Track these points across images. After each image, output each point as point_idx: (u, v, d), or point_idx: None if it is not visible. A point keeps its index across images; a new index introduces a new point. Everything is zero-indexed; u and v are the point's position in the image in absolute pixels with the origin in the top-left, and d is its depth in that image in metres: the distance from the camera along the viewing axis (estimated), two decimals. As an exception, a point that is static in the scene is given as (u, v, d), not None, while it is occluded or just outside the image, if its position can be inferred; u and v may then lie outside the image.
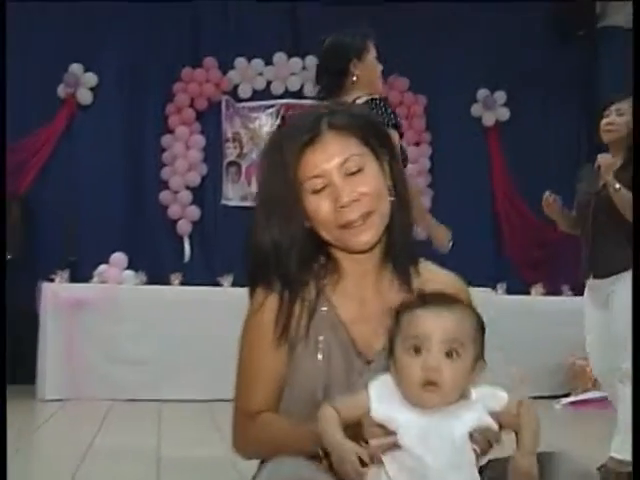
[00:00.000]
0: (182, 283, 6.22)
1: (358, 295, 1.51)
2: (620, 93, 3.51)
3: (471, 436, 1.22)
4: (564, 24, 7.85)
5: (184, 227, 7.14)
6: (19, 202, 6.57)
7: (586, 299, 3.57)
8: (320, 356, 1.43)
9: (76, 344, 5.61)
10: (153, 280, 6.22)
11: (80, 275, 6.10)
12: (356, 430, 1.25)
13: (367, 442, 1.23)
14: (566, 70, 7.88)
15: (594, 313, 3.50)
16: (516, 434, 1.27)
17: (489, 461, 1.33)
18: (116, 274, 6.07)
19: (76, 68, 7.01)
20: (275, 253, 1.45)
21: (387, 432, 1.23)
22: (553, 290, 6.72)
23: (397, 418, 1.23)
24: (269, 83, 7.45)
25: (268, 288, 1.47)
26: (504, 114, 7.74)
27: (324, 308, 1.47)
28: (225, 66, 7.35)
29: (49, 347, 5.63)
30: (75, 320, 5.64)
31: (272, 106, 7.47)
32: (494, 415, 1.25)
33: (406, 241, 1.51)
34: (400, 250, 1.50)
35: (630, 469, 3.15)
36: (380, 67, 3.32)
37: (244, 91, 7.41)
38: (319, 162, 1.43)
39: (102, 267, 6.07)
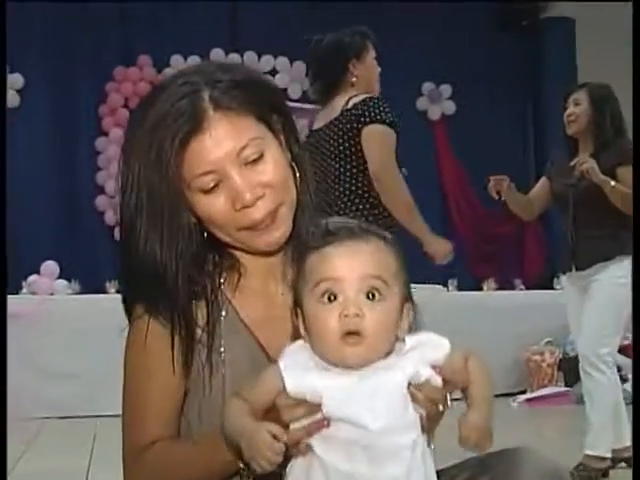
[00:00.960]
0: (118, 291, 5.91)
1: (264, 293, 1.26)
2: (566, 82, 3.45)
3: (412, 393, 0.99)
4: (508, 15, 7.81)
5: (122, 233, 6.85)
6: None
7: (568, 291, 3.55)
8: (223, 370, 1.18)
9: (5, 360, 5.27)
10: (88, 289, 5.90)
11: (9, 286, 5.75)
12: (271, 417, 1.01)
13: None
14: (511, 61, 7.88)
15: (578, 303, 3.42)
16: (463, 392, 1.03)
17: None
18: (47, 284, 5.75)
19: (1, 69, 6.68)
20: (161, 269, 1.17)
21: (309, 408, 0.99)
22: (505, 285, 6.58)
23: (317, 386, 0.99)
24: (207, 80, 7.23)
25: (151, 307, 1.20)
26: (450, 107, 7.63)
27: (223, 313, 1.22)
28: (160, 64, 7.11)
29: (-25, 364, 5.28)
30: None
31: (211, 104, 7.26)
32: (436, 369, 1.01)
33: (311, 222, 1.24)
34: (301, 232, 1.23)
35: (608, 463, 3.25)
36: (379, 68, 3.23)
37: (181, 89, 7.17)
38: (207, 154, 1.13)
39: (32, 277, 5.75)
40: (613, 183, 3.18)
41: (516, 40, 7.91)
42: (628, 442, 3.19)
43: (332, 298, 1.01)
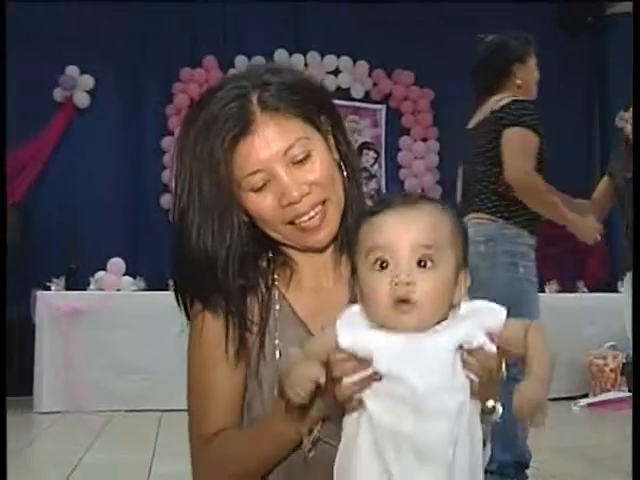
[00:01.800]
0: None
1: (315, 287, 1.31)
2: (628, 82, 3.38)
3: (463, 361, 0.99)
4: (572, 13, 7.69)
5: (187, 230, 6.96)
6: (16, 209, 6.45)
7: (626, 293, 3.44)
8: (278, 360, 1.24)
9: (74, 354, 5.43)
10: (152, 286, 6.03)
11: (77, 282, 5.93)
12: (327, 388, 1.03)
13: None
14: (577, 58, 7.75)
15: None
16: (523, 361, 1.02)
17: None
18: (114, 281, 5.90)
19: (72, 70, 6.88)
20: (212, 263, 1.23)
21: (360, 364, 1.01)
22: (567, 287, 6.49)
23: (369, 343, 1.00)
24: (271, 81, 7.30)
25: (208, 303, 1.26)
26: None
27: (277, 307, 1.28)
28: (226, 65, 7.17)
29: (46, 358, 5.47)
30: (72, 329, 5.47)
31: (274, 104, 7.33)
32: (493, 336, 1.01)
33: None
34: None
35: None
36: (538, 74, 3.29)
37: (246, 90, 7.26)
38: (256, 155, 1.18)
39: (99, 274, 5.90)
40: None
41: (582, 38, 7.80)
42: None
43: (384, 265, 1.01)
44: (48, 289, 5.72)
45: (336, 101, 4.83)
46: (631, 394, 5.24)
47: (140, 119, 7.11)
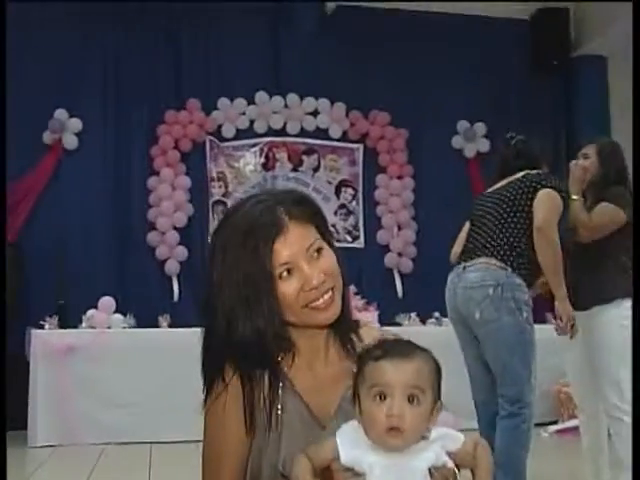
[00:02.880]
0: (171, 325, 6.31)
1: (311, 368, 1.61)
2: (598, 119, 3.72)
3: (430, 474, 1.32)
4: (540, 54, 8.03)
5: (172, 267, 7.22)
6: (10, 248, 6.62)
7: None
8: (280, 429, 1.53)
9: (67, 389, 5.66)
10: (142, 322, 6.28)
11: (69, 320, 6.15)
12: (326, 474, 1.35)
13: None
14: (544, 99, 8.08)
15: (575, 341, 3.62)
16: (472, 473, 1.36)
17: None
18: (104, 318, 6.12)
19: (61, 114, 7.13)
20: (258, 342, 1.52)
21: (355, 474, 1.33)
22: (538, 319, 6.76)
23: (363, 460, 1.33)
24: (252, 122, 7.59)
25: (232, 375, 1.56)
26: (485, 145, 7.88)
27: (281, 384, 1.57)
28: (208, 107, 7.49)
29: (40, 393, 5.68)
30: (65, 365, 5.71)
31: (256, 144, 7.62)
32: (451, 455, 1.35)
33: (347, 312, 1.62)
34: (343, 321, 1.61)
35: None
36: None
37: (228, 131, 7.55)
38: (287, 251, 1.51)
39: (91, 312, 6.13)
40: (575, 197, 3.56)
41: (548, 79, 8.12)
42: None
43: (382, 398, 1.33)
44: (41, 327, 5.94)
45: (315, 141, 5.32)
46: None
47: (127, 159, 7.34)
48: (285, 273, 1.51)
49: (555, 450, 4.68)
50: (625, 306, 3.45)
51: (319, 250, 1.54)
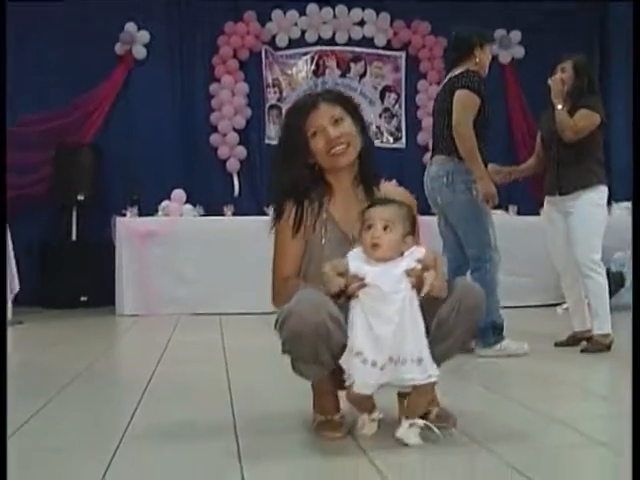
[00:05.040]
0: (234, 214, 7.17)
1: (344, 204, 2.42)
2: (630, 32, 4.33)
3: (407, 274, 2.12)
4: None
5: (233, 165, 8.03)
6: (88, 149, 7.46)
7: (549, 211, 4.43)
8: (323, 241, 2.36)
9: (147, 268, 6.57)
10: (209, 212, 7.14)
11: (146, 210, 7.01)
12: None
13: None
14: (578, 10, 8.41)
15: (558, 221, 4.36)
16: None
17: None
18: (177, 208, 6.99)
19: (131, 27, 7.86)
20: (296, 180, 2.37)
21: (359, 279, 2.12)
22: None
23: (363, 268, 2.13)
24: (303, 32, 8.23)
25: (289, 204, 2.38)
26: (520, 52, 8.37)
27: (324, 215, 2.40)
28: (263, 18, 8.13)
29: (125, 271, 6.61)
30: (145, 247, 6.62)
31: (307, 53, 8.28)
32: (420, 261, 2.13)
33: (370, 170, 2.44)
34: (367, 174, 2.44)
35: (611, 339, 4.18)
36: (491, 57, 4.39)
37: (281, 40, 8.21)
38: (315, 120, 2.35)
39: (165, 202, 6.98)
40: (560, 106, 4.18)
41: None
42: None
43: (369, 227, 2.15)
44: (124, 216, 6.83)
45: (362, 49, 6.25)
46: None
47: (190, 68, 8.07)
48: (315, 134, 2.34)
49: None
50: (601, 189, 4.23)
51: (340, 119, 2.35)
